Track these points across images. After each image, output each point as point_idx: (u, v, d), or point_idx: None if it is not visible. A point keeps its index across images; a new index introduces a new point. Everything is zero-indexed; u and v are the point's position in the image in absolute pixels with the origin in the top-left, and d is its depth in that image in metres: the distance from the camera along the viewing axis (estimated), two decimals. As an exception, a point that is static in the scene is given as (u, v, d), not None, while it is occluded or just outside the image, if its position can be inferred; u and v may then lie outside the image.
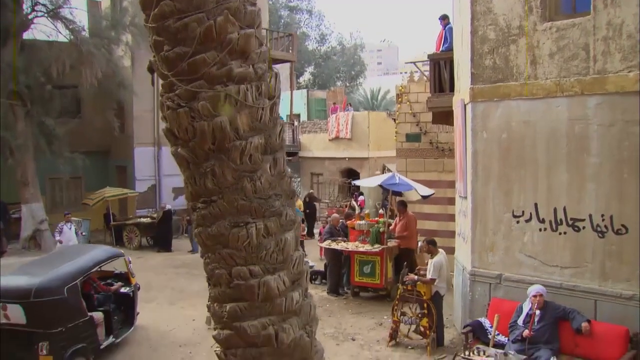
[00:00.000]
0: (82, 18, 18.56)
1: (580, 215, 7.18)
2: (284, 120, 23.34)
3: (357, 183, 12.86)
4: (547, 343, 6.85)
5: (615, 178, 6.91)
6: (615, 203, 6.92)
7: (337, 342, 8.91)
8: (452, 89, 10.36)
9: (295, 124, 25.31)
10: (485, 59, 7.94)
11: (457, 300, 9.07)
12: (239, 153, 2.87)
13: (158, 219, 17.65)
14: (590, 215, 7.09)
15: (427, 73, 13.40)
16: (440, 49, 10.95)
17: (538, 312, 7.01)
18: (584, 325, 6.82)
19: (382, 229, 11.10)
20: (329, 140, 24.36)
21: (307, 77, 48.93)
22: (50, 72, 16.41)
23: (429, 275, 8.46)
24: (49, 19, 17.03)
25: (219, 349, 3.15)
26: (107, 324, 8.73)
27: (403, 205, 11.28)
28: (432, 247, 8.64)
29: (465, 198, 8.49)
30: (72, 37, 17.03)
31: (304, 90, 32.93)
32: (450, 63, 10.49)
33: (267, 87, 3.02)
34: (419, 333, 8.55)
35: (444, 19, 11.17)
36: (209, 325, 9.13)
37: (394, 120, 16.38)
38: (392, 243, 11.21)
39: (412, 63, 13.05)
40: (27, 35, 17.12)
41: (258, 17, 3.18)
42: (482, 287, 8.10)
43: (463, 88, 8.70)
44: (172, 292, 12.49)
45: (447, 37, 10.85)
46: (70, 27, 16.94)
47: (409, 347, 8.80)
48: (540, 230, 7.51)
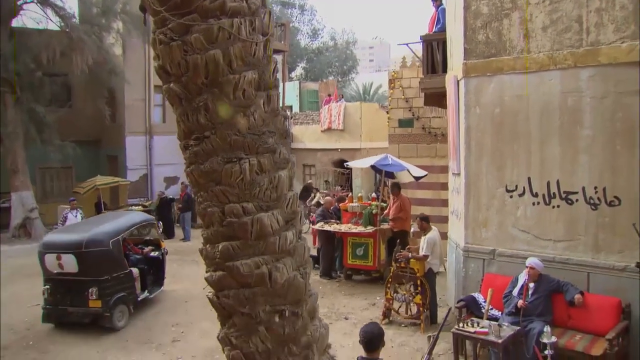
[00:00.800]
0: (72, 5, 18.48)
1: (573, 188, 7.17)
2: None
3: (350, 164, 12.80)
4: (540, 315, 6.84)
5: (608, 150, 6.91)
6: (608, 175, 6.92)
7: (330, 321, 8.88)
8: (444, 70, 10.34)
9: (288, 116, 25.30)
10: (478, 34, 7.92)
11: (450, 278, 9.06)
12: (232, 87, 2.82)
13: (156, 207, 17.52)
14: (583, 188, 7.09)
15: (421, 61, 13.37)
16: (433, 30, 10.92)
17: (532, 284, 7.01)
18: (577, 298, 6.83)
19: (374, 211, 11.07)
20: (321, 132, 24.29)
21: (299, 72, 48.84)
22: (40, 59, 16.26)
23: (422, 252, 8.45)
24: (39, 6, 16.89)
25: (211, 293, 3.11)
26: (142, 281, 9.97)
27: (397, 187, 11.26)
28: (425, 223, 8.63)
29: (459, 175, 8.48)
30: (62, 24, 16.88)
31: (296, 82, 32.85)
32: (443, 44, 10.45)
33: (260, 22, 2.98)
34: (412, 312, 8.54)
35: (437, 0, 11.15)
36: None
37: (387, 112, 16.38)
38: (385, 226, 11.19)
39: (405, 45, 13.00)
40: (16, 23, 16.99)
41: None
42: (475, 263, 8.09)
43: (456, 65, 8.68)
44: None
45: (439, 18, 10.82)
46: (61, 13, 16.80)
47: (402, 325, 8.79)
48: (534, 204, 7.50)
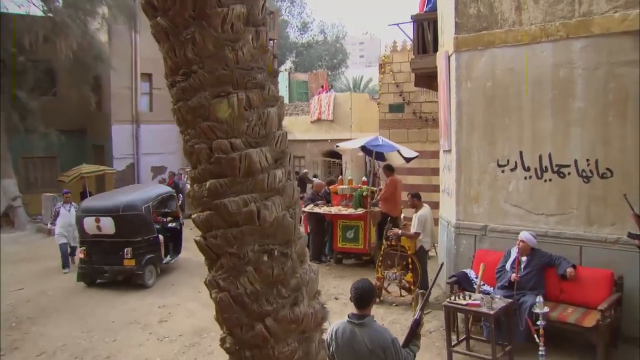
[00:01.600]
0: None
1: (566, 161, 7.18)
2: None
3: (340, 145, 12.77)
4: (532, 289, 6.83)
5: (600, 122, 6.92)
6: (600, 147, 6.93)
7: (320, 301, 8.86)
8: (435, 50, 10.33)
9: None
10: (470, 8, 7.91)
11: (442, 257, 9.06)
12: (221, 20, 2.77)
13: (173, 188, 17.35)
14: (576, 161, 7.10)
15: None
16: (424, 10, 10.91)
17: (524, 258, 7.02)
18: (569, 271, 6.84)
19: (365, 193, 11.05)
20: (311, 123, 24.22)
21: (288, 65, 48.74)
22: (23, 44, 16.05)
23: (413, 230, 8.44)
24: (22, -11, 16.70)
25: (199, 237, 3.07)
26: (165, 246, 11.18)
27: (389, 169, 11.19)
28: (416, 200, 8.62)
29: (449, 152, 8.47)
30: (45, 8, 16.68)
31: (286, 73, 32.79)
32: (434, 24, 10.45)
33: (248, -44, 2.94)
34: (404, 289, 8.53)
35: (427, -20, 11.13)
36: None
37: (377, 98, 16.37)
38: (376, 209, 11.17)
39: (395, 25, 12.97)
40: (-3, 7, 16.79)
41: None
42: (467, 239, 8.09)
43: (447, 41, 8.67)
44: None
45: (430, -3, 10.82)
46: (44, -3, 16.62)
47: (394, 304, 8.78)
48: (526, 179, 7.51)
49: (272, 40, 24.34)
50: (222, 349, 7.07)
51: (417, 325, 4.09)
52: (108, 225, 10.08)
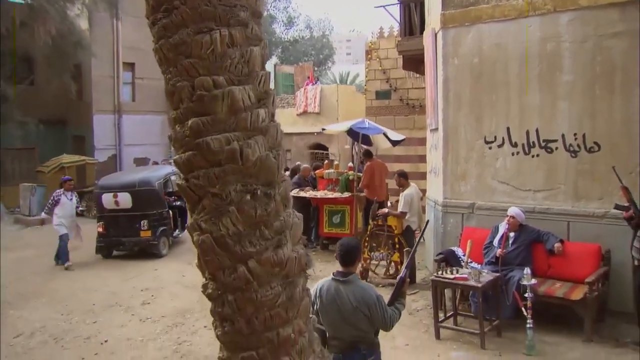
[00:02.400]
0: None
1: (553, 136, 7.25)
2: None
3: (327, 128, 12.75)
4: (520, 265, 6.87)
5: (588, 95, 6.99)
6: (588, 121, 7.00)
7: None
8: (422, 32, 10.39)
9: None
10: (457, -17, 7.97)
11: (429, 238, 9.10)
12: (203, -45, 2.77)
13: None
14: (563, 135, 7.17)
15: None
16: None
17: (512, 234, 7.07)
18: (557, 246, 6.91)
19: (351, 177, 11.07)
20: (297, 115, 24.20)
21: (274, 60, 48.66)
22: (-1, 30, 15.85)
23: (400, 209, 8.46)
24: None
25: (181, 181, 3.05)
26: (174, 221, 12.28)
27: (367, 155, 11.18)
28: (403, 179, 8.64)
29: (436, 130, 8.51)
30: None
31: (271, 65, 32.73)
32: (421, 5, 10.53)
33: None
34: (390, 272, 8.56)
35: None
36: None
37: (364, 87, 16.40)
38: (362, 194, 11.17)
39: (382, 7, 13.02)
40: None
41: None
42: (454, 218, 8.13)
43: (434, 20, 8.71)
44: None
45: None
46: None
47: (380, 285, 8.79)
48: (513, 155, 7.56)
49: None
50: (206, 329, 7.08)
51: (402, 283, 4.11)
52: (125, 200, 11.25)
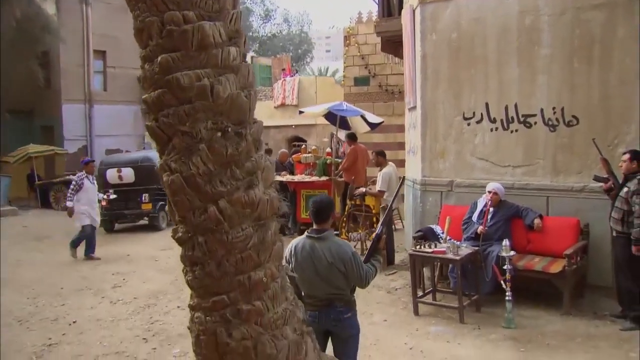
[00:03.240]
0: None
1: (532, 111, 7.32)
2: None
3: (305, 110, 12.74)
4: (499, 241, 6.92)
5: (567, 68, 7.08)
6: (566, 94, 7.09)
7: (282, 266, 8.87)
8: (400, 13, 10.43)
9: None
10: (435, -42, 8.03)
11: (408, 218, 9.15)
12: None
13: None
14: (542, 110, 7.25)
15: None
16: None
17: (492, 209, 7.14)
18: (536, 222, 6.99)
19: (329, 161, 11.09)
20: (275, 108, 24.17)
21: (251, 53, 48.55)
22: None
23: (378, 188, 8.50)
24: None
25: (150, 122, 3.04)
26: None
27: (351, 137, 11.19)
28: (381, 158, 8.68)
29: (415, 108, 8.56)
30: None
31: (248, 56, 32.62)
32: (400, -14, 10.59)
33: None
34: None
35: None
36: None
37: (342, 76, 16.44)
38: (340, 179, 11.19)
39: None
40: None
41: None
42: (433, 196, 8.18)
43: (412, -4, 8.78)
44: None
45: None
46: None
47: (358, 266, 8.82)
48: (492, 131, 7.63)
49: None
50: (179, 309, 7.05)
51: (378, 240, 4.15)
52: (129, 175, 12.81)
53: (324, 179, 10.82)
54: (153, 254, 10.28)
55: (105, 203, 11.84)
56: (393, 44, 11.54)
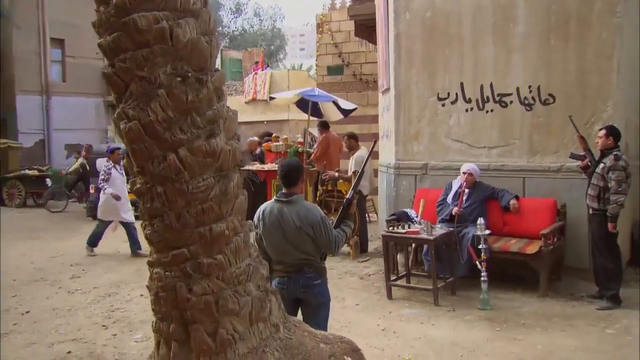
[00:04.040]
0: None
1: (507, 90, 7.46)
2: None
3: (276, 96, 12.76)
4: (474, 222, 7.05)
5: (542, 46, 7.24)
6: (543, 72, 7.25)
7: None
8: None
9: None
10: None
11: (381, 204, 9.24)
12: None
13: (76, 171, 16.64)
14: (518, 89, 7.39)
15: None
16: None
17: (467, 190, 7.25)
18: (512, 203, 7.12)
19: (300, 149, 11.13)
20: (245, 103, 24.08)
21: (221, 48, 48.38)
22: None
23: (351, 172, 8.56)
24: None
25: (106, 68, 3.06)
26: None
27: (323, 125, 11.24)
28: (353, 141, 8.75)
29: (388, 90, 8.65)
30: None
31: (218, 50, 32.49)
32: (373, -33, 10.66)
33: None
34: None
35: None
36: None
37: (315, 66, 16.49)
38: (312, 168, 11.23)
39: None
40: None
41: None
42: (407, 180, 8.27)
43: (386, -25, 8.88)
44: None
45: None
46: None
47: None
48: (467, 111, 7.75)
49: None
50: (142, 297, 7.01)
51: (349, 205, 4.20)
52: None
53: (295, 168, 10.82)
54: (116, 245, 10.19)
55: (94, 191, 12.82)
56: (367, 29, 11.65)
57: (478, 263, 6.42)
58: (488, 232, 6.44)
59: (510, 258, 6.80)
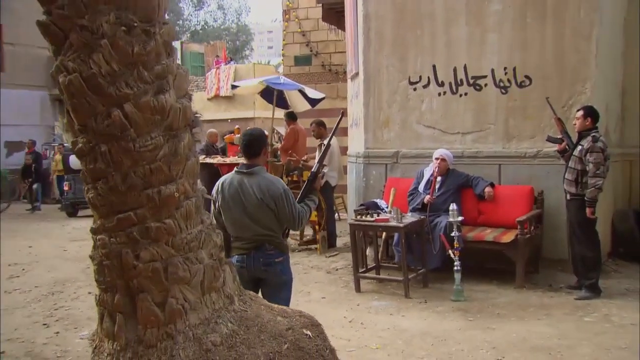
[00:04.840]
0: None
1: (482, 72, 7.59)
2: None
3: (238, 84, 12.72)
4: (447, 211, 7.15)
5: (518, 25, 7.38)
6: (518, 53, 7.39)
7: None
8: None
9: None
10: None
11: (350, 195, 9.29)
12: None
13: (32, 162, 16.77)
14: (493, 70, 7.52)
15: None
16: None
17: (439, 178, 7.32)
18: (487, 190, 7.22)
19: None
20: (208, 100, 23.92)
21: (181, 41, 48.17)
22: None
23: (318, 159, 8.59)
24: None
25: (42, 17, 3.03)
26: None
27: (290, 116, 11.25)
28: (322, 128, 8.79)
29: (357, 75, 8.71)
30: None
31: (178, 43, 32.35)
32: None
33: None
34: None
35: None
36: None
37: (281, 55, 16.49)
38: (278, 163, 11.22)
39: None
40: None
41: None
42: (377, 169, 8.32)
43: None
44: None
45: None
46: None
47: (296, 250, 8.90)
48: (440, 95, 7.85)
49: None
50: (90, 295, 6.93)
51: (314, 178, 4.22)
52: None
53: (259, 161, 10.81)
54: (61, 244, 10.08)
55: (67, 188, 13.84)
56: (335, 14, 11.74)
57: (451, 252, 6.49)
58: (461, 218, 6.51)
59: (486, 248, 6.89)
